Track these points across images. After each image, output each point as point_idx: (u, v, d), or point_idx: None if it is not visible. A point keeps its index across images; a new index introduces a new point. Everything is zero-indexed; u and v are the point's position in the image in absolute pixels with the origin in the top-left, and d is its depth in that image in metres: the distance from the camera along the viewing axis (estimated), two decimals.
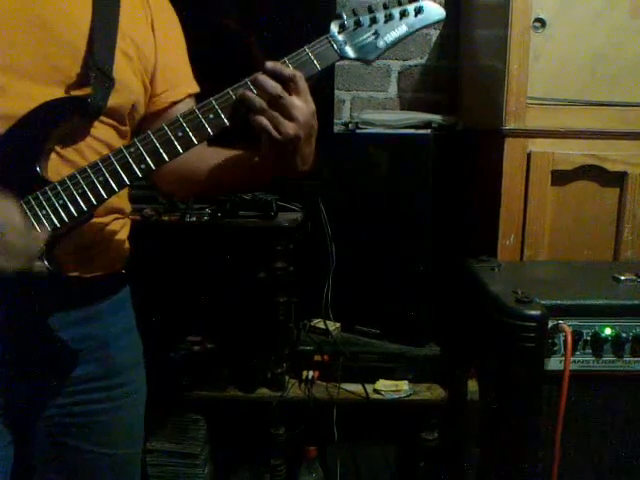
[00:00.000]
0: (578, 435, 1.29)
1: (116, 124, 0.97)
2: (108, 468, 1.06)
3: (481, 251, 1.64)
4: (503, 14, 1.60)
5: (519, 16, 1.57)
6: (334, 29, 0.90)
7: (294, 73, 0.86)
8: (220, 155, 1.03)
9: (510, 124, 1.61)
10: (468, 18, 2.06)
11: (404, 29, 0.92)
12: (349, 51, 0.91)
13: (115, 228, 1.03)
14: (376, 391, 1.81)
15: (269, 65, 0.87)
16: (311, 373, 1.84)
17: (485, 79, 1.83)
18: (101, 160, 0.87)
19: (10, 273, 0.80)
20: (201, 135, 0.88)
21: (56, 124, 0.87)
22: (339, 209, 1.91)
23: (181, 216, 1.78)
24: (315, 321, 1.96)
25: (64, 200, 0.85)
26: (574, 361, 1.25)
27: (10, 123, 0.86)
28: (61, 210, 0.86)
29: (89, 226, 0.92)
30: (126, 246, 1.08)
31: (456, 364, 1.75)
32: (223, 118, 0.88)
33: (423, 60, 2.20)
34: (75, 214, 0.86)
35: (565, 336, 1.23)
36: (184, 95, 1.06)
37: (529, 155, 1.62)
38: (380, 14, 0.91)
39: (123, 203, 1.05)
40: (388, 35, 0.91)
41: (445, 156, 1.84)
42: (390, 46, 0.92)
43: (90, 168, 0.86)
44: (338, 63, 2.29)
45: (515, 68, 1.59)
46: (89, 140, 0.94)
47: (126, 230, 1.07)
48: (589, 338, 1.26)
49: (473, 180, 1.91)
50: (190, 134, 0.87)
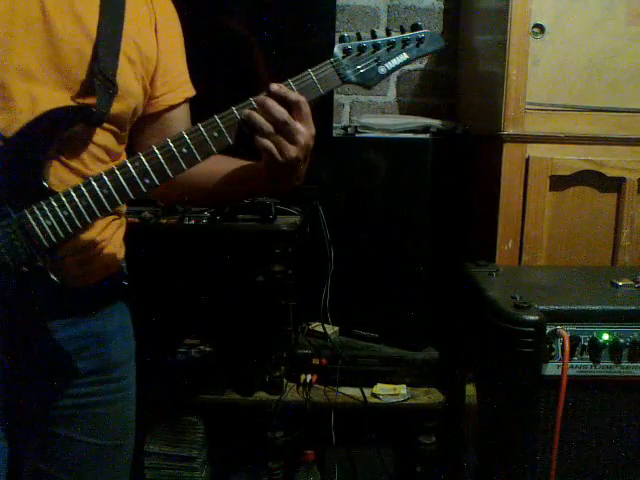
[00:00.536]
0: (576, 440, 1.30)
1: (116, 130, 0.98)
2: (98, 457, 1.07)
3: (479, 256, 1.64)
4: (502, 20, 1.60)
5: (518, 22, 1.58)
6: (338, 53, 0.91)
7: (299, 99, 0.87)
8: (220, 166, 1.03)
9: (509, 129, 1.62)
10: (467, 23, 2.07)
11: (404, 57, 0.94)
12: (351, 76, 0.92)
13: (113, 229, 1.04)
14: (374, 395, 1.81)
15: (275, 88, 0.87)
16: (309, 377, 1.84)
17: (484, 84, 1.84)
18: (106, 173, 0.87)
19: None
20: (205, 152, 0.89)
21: (60, 133, 0.88)
22: (338, 213, 1.92)
23: (180, 219, 1.79)
24: (313, 325, 1.96)
25: (69, 212, 0.86)
26: (572, 366, 1.26)
27: (13, 123, 0.86)
28: (65, 222, 0.86)
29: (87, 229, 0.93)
30: (123, 246, 1.09)
31: (454, 368, 1.76)
32: (227, 137, 0.89)
33: (422, 65, 2.20)
34: (79, 226, 0.87)
35: (563, 341, 1.24)
36: (182, 99, 1.07)
37: (527, 160, 1.63)
38: (383, 41, 0.93)
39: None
40: (389, 62, 0.93)
41: (444, 161, 1.85)
42: (390, 72, 0.94)
43: (95, 181, 0.87)
44: None
45: (514, 73, 1.60)
46: (89, 146, 0.94)
47: (122, 230, 1.09)
48: (587, 343, 1.27)
49: (472, 185, 1.91)
50: (194, 151, 0.88)
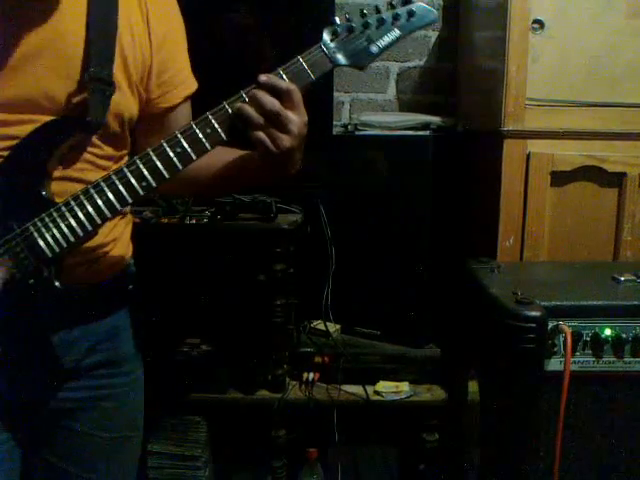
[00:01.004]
0: (579, 435, 1.30)
1: (114, 136, 0.98)
2: (108, 450, 1.08)
3: (481, 252, 1.64)
4: (502, 16, 1.60)
5: (518, 18, 1.57)
6: (326, 37, 0.90)
7: (289, 87, 0.87)
8: (217, 157, 1.03)
9: (509, 125, 1.62)
10: (467, 20, 2.06)
11: (397, 33, 0.92)
12: (341, 58, 0.90)
13: (120, 229, 1.05)
14: (377, 392, 1.81)
15: (263, 79, 0.87)
16: (311, 375, 1.84)
17: (484, 80, 1.84)
18: (103, 180, 0.88)
19: None
20: (199, 150, 0.89)
21: (57, 145, 0.88)
22: (339, 211, 1.91)
23: (181, 218, 1.79)
24: (315, 323, 1.96)
25: (69, 221, 0.87)
26: (574, 362, 1.25)
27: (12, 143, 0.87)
28: (67, 231, 0.87)
29: None
30: (130, 244, 1.10)
31: (456, 365, 1.76)
32: (220, 132, 0.88)
33: (422, 62, 2.20)
34: (81, 234, 0.88)
35: (565, 337, 1.23)
36: (180, 99, 1.06)
37: (528, 156, 1.62)
38: (372, 19, 0.90)
39: None
40: (381, 40, 0.91)
41: (444, 158, 1.84)
42: (383, 50, 0.92)
43: (93, 188, 0.87)
44: None
45: (514, 69, 1.59)
46: (89, 156, 0.95)
47: (129, 229, 1.10)
48: (589, 339, 1.27)
49: (472, 181, 1.91)
50: (188, 150, 0.88)
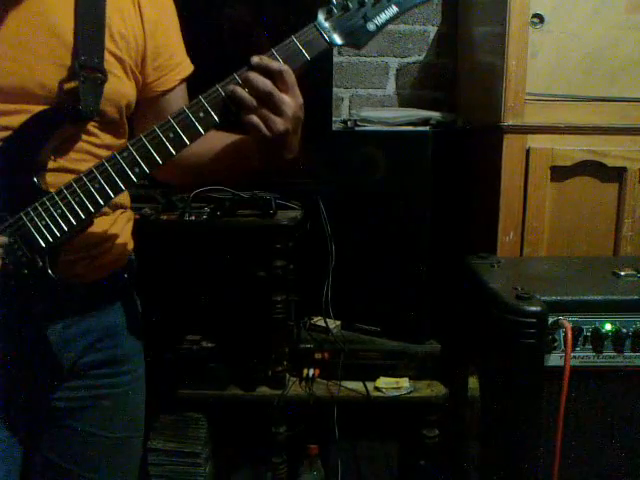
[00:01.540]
0: (579, 430, 1.30)
1: (111, 125, 0.98)
2: (109, 450, 1.08)
3: (481, 248, 1.64)
4: (501, 10, 1.59)
5: (517, 12, 1.57)
6: (321, 16, 0.88)
7: (282, 68, 0.85)
8: (212, 143, 1.02)
9: (509, 120, 1.61)
10: (466, 15, 2.06)
11: (394, 10, 0.90)
12: (337, 37, 0.88)
13: (121, 224, 1.05)
14: (377, 389, 1.81)
15: (255, 60, 0.85)
16: (312, 371, 1.84)
17: (483, 76, 1.83)
18: (96, 167, 0.87)
19: None
20: (192, 135, 0.88)
21: (50, 134, 0.88)
22: (338, 207, 1.91)
23: (180, 215, 1.78)
24: (315, 319, 1.96)
25: (62, 210, 0.86)
26: (574, 357, 1.25)
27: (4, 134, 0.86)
28: (60, 220, 0.86)
29: (98, 224, 0.93)
30: (132, 240, 1.10)
31: (457, 361, 1.76)
32: (213, 116, 0.87)
33: (421, 57, 2.19)
34: (74, 223, 0.87)
35: (565, 332, 1.23)
36: (176, 82, 1.06)
37: (528, 151, 1.62)
38: None
39: (124, 197, 1.07)
40: (378, 17, 0.89)
41: (444, 153, 1.84)
42: (381, 28, 0.90)
43: (86, 176, 0.87)
44: (336, 60, 2.30)
45: (513, 64, 1.59)
46: (85, 145, 0.94)
47: (131, 225, 1.09)
48: (589, 334, 1.26)
49: (472, 177, 1.91)
50: (181, 134, 0.87)
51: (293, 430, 1.85)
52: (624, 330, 1.26)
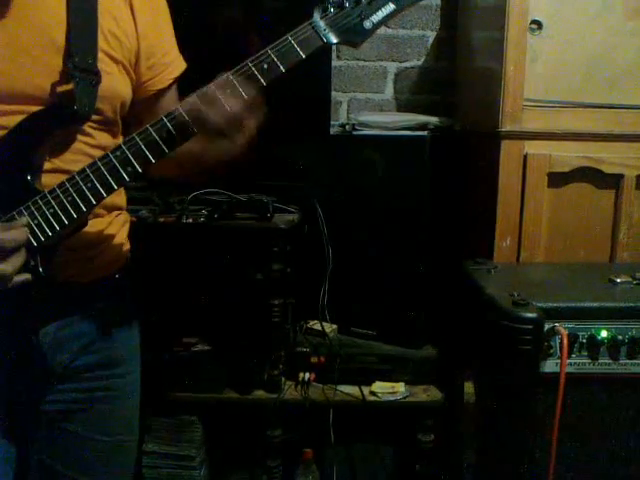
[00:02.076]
0: (575, 437, 1.29)
1: (106, 124, 0.98)
2: (104, 453, 1.08)
3: (478, 253, 1.64)
4: (500, 16, 1.60)
5: (516, 18, 1.57)
6: (317, 15, 0.88)
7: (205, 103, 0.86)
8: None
9: (507, 126, 1.61)
10: (465, 20, 2.06)
11: (391, 7, 0.89)
12: (332, 36, 0.88)
13: (118, 226, 1.05)
14: (373, 393, 1.81)
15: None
16: (307, 375, 1.84)
17: (482, 81, 1.84)
18: (88, 166, 0.87)
19: None
20: (186, 134, 0.88)
21: (45, 135, 0.88)
22: (336, 211, 1.91)
23: (177, 218, 1.78)
24: (311, 323, 1.95)
25: (54, 209, 0.86)
26: (570, 363, 1.25)
27: None
28: (52, 219, 0.86)
29: (94, 225, 0.94)
30: (128, 242, 1.10)
31: (453, 366, 1.76)
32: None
33: (420, 62, 2.20)
34: (66, 221, 0.87)
35: (561, 338, 1.23)
36: (169, 81, 1.06)
37: (525, 157, 1.62)
38: None
39: (121, 199, 1.07)
40: (374, 15, 0.88)
41: (442, 158, 1.84)
42: (378, 26, 0.89)
43: (78, 175, 0.87)
44: (335, 64, 2.30)
45: (512, 70, 1.59)
46: (80, 145, 0.94)
47: (127, 227, 1.09)
48: (585, 340, 1.26)
49: (470, 182, 1.91)
50: (174, 133, 0.88)
51: (289, 434, 1.84)
52: (620, 337, 1.26)
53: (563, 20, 1.59)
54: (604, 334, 1.26)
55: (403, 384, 1.83)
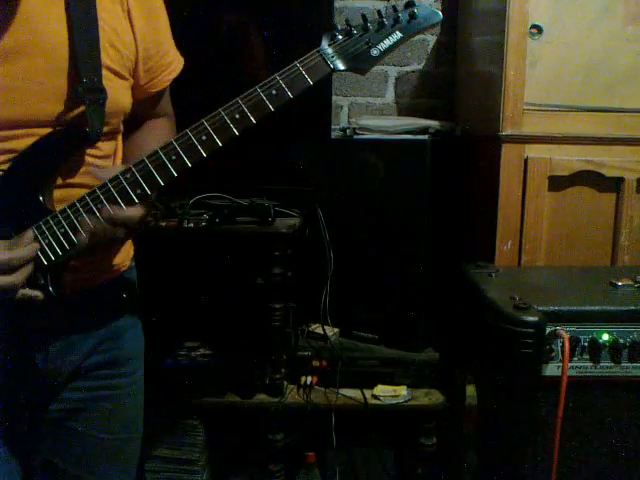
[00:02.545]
0: (576, 441, 1.30)
1: (112, 135, 0.99)
2: (108, 452, 1.09)
3: (479, 257, 1.64)
4: (500, 21, 1.60)
5: (516, 23, 1.58)
6: (325, 42, 0.90)
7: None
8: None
9: (507, 130, 1.62)
10: (465, 25, 2.07)
11: (398, 35, 0.91)
12: (340, 63, 0.90)
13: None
14: (374, 396, 1.81)
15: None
16: (309, 379, 1.84)
17: (482, 85, 1.84)
18: (99, 187, 0.88)
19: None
20: (194, 156, 0.89)
21: (57, 157, 0.89)
22: (337, 215, 1.92)
23: (179, 222, 1.78)
24: (313, 326, 1.96)
25: (65, 229, 0.88)
26: (572, 367, 1.26)
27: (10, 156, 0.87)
28: (62, 238, 0.88)
29: None
30: (132, 247, 1.11)
31: (454, 369, 1.75)
32: (216, 140, 0.89)
33: (420, 66, 2.20)
34: (76, 241, 0.88)
35: (563, 342, 1.24)
36: (168, 83, 1.07)
37: (526, 161, 1.63)
38: (372, 22, 0.90)
39: None
40: (382, 43, 0.90)
41: (442, 162, 1.85)
42: (385, 53, 0.91)
43: (88, 196, 0.88)
44: None
45: (512, 74, 1.60)
46: (89, 159, 0.95)
47: None
48: (587, 344, 1.27)
49: (470, 186, 1.91)
50: (183, 156, 0.89)
51: (291, 437, 1.85)
52: (621, 340, 1.26)
53: (563, 25, 1.60)
54: (605, 337, 1.26)
55: (405, 387, 1.83)
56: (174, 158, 0.88)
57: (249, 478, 1.95)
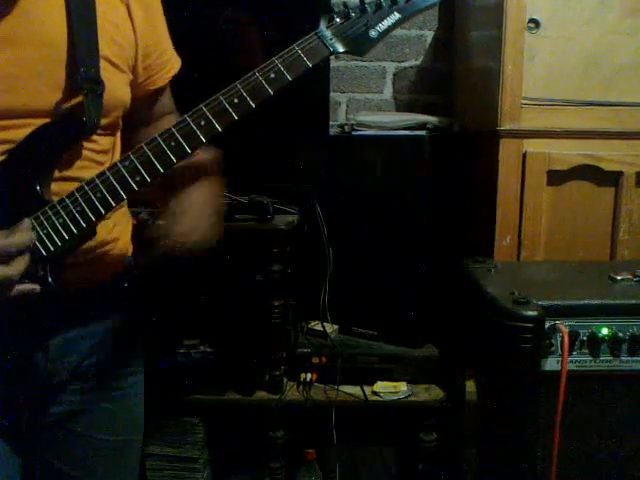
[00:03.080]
0: (576, 435, 1.30)
1: (110, 130, 0.98)
2: (109, 453, 1.08)
3: (478, 252, 1.64)
4: (497, 15, 1.60)
5: (513, 17, 1.58)
6: (323, 24, 0.90)
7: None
8: None
9: (505, 125, 1.62)
10: (463, 19, 2.07)
11: (396, 16, 0.90)
12: (338, 45, 0.90)
13: (122, 227, 1.05)
14: (375, 393, 1.81)
15: None
16: (309, 375, 1.84)
17: (480, 80, 1.84)
18: (97, 176, 0.88)
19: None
20: (193, 143, 0.89)
21: (54, 148, 0.88)
22: (335, 211, 1.91)
23: None
24: (313, 323, 1.96)
25: (64, 219, 0.87)
26: (571, 361, 1.26)
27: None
28: (61, 229, 0.87)
29: (99, 228, 0.93)
30: (131, 244, 1.10)
31: (454, 365, 1.76)
32: (215, 124, 0.89)
33: (418, 62, 2.20)
34: (75, 231, 0.87)
35: (562, 336, 1.24)
36: (166, 80, 1.07)
37: (524, 155, 1.62)
38: (370, 5, 0.89)
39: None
40: (380, 25, 0.90)
41: (441, 157, 1.84)
42: (383, 35, 0.91)
43: (87, 185, 0.87)
44: (333, 65, 2.30)
45: (510, 69, 1.59)
46: (87, 153, 0.94)
47: (130, 227, 1.09)
48: (586, 338, 1.27)
49: (469, 181, 1.91)
50: (182, 143, 0.88)
51: (291, 435, 1.85)
52: (621, 334, 1.26)
53: (561, 19, 1.59)
54: (605, 331, 1.26)
55: (405, 384, 1.83)
56: (173, 144, 0.88)
57: (250, 475, 1.95)
